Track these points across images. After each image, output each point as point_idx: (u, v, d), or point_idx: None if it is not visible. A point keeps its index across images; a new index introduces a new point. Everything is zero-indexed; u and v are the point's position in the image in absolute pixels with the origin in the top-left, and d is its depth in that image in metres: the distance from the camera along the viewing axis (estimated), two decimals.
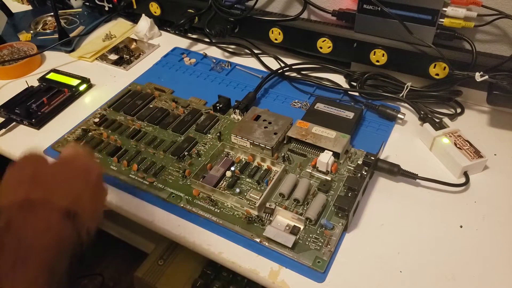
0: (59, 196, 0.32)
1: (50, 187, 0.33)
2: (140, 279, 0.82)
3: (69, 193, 0.34)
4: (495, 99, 0.55)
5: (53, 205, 0.32)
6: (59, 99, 0.67)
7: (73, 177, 0.35)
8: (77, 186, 0.35)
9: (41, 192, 0.32)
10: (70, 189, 0.34)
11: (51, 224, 0.31)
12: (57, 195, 0.33)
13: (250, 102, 0.62)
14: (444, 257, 0.43)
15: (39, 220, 0.31)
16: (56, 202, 0.32)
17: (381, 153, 0.52)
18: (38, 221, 0.31)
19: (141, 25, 0.80)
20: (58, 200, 0.32)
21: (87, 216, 0.34)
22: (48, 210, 0.31)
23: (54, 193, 0.33)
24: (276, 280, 0.42)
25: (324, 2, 0.66)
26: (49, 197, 0.32)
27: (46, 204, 0.32)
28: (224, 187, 0.51)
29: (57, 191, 0.33)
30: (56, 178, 0.34)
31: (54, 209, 0.32)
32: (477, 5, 0.54)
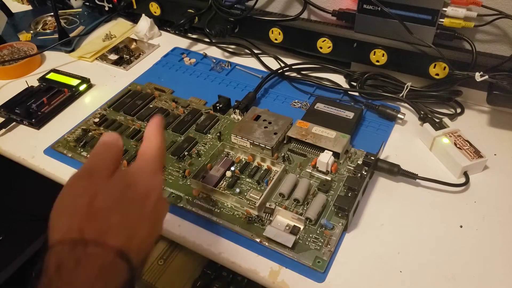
0: (113, 235, 0.29)
1: (105, 223, 0.30)
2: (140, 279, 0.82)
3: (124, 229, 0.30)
4: (495, 99, 0.55)
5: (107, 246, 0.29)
6: (59, 99, 0.67)
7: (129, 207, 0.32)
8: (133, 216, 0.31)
9: (95, 231, 0.29)
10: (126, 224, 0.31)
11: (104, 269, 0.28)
12: (112, 234, 0.29)
13: (250, 102, 0.62)
14: (444, 257, 0.43)
15: (92, 265, 0.28)
16: (110, 243, 0.29)
17: (381, 153, 0.52)
18: (91, 266, 0.28)
19: (141, 25, 0.80)
20: (113, 240, 0.29)
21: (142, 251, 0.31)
22: (101, 253, 0.29)
23: (109, 232, 0.29)
24: (276, 280, 0.42)
25: (324, 2, 0.66)
26: (103, 237, 0.29)
27: (100, 246, 0.29)
28: (224, 187, 0.51)
29: (111, 229, 0.30)
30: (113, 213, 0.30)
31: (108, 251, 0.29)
32: (477, 5, 0.54)
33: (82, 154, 0.57)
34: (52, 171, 0.56)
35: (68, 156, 0.57)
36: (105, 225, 0.30)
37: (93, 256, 0.28)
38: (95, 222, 0.29)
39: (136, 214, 0.32)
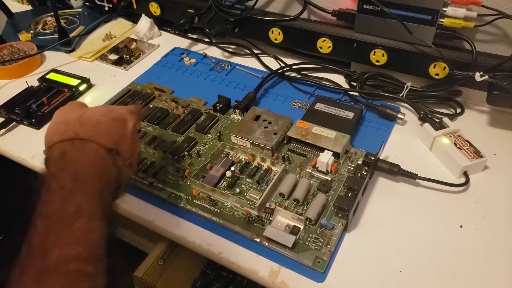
0: (102, 138, 0.37)
1: (95, 129, 0.37)
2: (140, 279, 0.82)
3: (111, 136, 0.38)
4: (495, 99, 0.55)
5: (99, 143, 0.36)
6: (59, 99, 0.67)
7: (113, 124, 0.39)
8: (116, 132, 0.39)
9: (87, 133, 0.36)
10: (111, 133, 0.38)
11: (99, 157, 0.36)
12: (101, 137, 0.37)
13: (250, 102, 0.62)
14: (444, 257, 0.43)
15: (89, 153, 0.35)
16: (101, 142, 0.36)
17: (381, 153, 0.52)
18: (89, 154, 0.35)
19: (141, 25, 0.80)
20: (102, 140, 0.36)
21: (126, 156, 0.38)
22: (96, 147, 0.36)
23: (98, 134, 0.37)
24: (276, 280, 0.42)
25: (324, 2, 0.66)
26: (94, 137, 0.36)
27: (93, 142, 0.36)
28: (224, 187, 0.51)
29: (100, 133, 0.37)
30: (100, 123, 0.38)
31: (100, 146, 0.36)
32: (477, 5, 0.54)
33: None
34: None
35: None
36: (96, 130, 0.37)
37: (89, 148, 0.36)
38: (86, 127, 0.37)
39: (118, 130, 0.39)
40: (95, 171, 0.35)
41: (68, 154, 0.35)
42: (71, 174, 0.33)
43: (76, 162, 0.34)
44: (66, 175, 0.33)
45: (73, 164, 0.34)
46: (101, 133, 0.37)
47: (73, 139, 0.36)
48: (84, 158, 0.35)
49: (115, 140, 0.38)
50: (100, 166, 0.35)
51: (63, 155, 0.35)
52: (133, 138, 0.41)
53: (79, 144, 0.36)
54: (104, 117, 0.39)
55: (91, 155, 0.35)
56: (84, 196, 0.33)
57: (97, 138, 0.36)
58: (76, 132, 0.36)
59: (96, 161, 0.35)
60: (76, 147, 0.35)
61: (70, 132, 0.36)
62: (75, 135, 0.36)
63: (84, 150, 0.35)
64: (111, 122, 0.39)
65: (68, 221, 0.31)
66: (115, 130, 0.39)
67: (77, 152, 0.35)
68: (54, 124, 0.39)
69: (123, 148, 0.38)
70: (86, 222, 0.32)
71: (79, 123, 0.37)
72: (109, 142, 0.37)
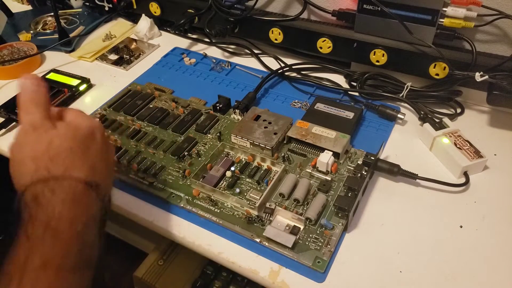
0: (78, 169, 0.33)
1: (68, 160, 0.33)
2: (140, 279, 0.82)
3: (85, 163, 0.34)
4: (495, 99, 0.55)
5: (75, 178, 0.32)
6: (59, 99, 0.67)
7: (83, 145, 0.35)
8: (90, 153, 0.35)
9: (61, 168, 0.32)
10: (85, 159, 0.34)
11: (77, 195, 0.32)
12: (76, 169, 0.33)
13: (250, 102, 0.62)
14: (444, 257, 0.43)
15: (66, 192, 0.31)
16: (77, 176, 0.33)
17: (381, 153, 0.52)
18: (65, 193, 0.31)
19: (141, 25, 0.80)
20: (78, 173, 0.33)
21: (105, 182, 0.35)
22: (73, 184, 0.32)
23: (73, 167, 0.33)
24: (276, 280, 0.42)
25: (324, 2, 0.66)
26: (69, 171, 0.32)
27: (69, 178, 0.32)
28: (224, 187, 0.51)
29: (75, 164, 0.33)
30: (71, 150, 0.34)
31: (77, 181, 0.32)
32: (477, 5, 0.54)
33: None
34: None
35: None
36: (68, 162, 0.33)
37: (65, 186, 0.31)
38: (58, 160, 0.33)
39: (91, 150, 0.35)
40: (74, 212, 0.31)
41: (41, 199, 0.30)
42: (42, 222, 0.29)
43: (51, 205, 0.30)
44: (37, 223, 0.29)
45: (47, 208, 0.30)
46: (75, 164, 0.33)
47: (46, 179, 0.31)
48: (60, 199, 0.31)
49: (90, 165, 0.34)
50: (80, 204, 0.32)
51: (35, 200, 0.30)
52: (105, 151, 0.37)
53: (53, 184, 0.31)
54: (74, 140, 0.35)
55: (68, 195, 0.31)
56: (55, 245, 0.29)
57: (72, 172, 0.32)
58: (48, 169, 0.32)
59: (75, 199, 0.31)
60: (50, 188, 0.31)
61: (42, 170, 0.32)
62: (47, 173, 0.32)
63: (60, 189, 0.31)
64: (82, 144, 0.35)
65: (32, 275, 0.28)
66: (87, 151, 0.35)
67: (52, 193, 0.31)
68: (20, 161, 0.33)
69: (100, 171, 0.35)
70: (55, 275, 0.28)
71: (49, 158, 0.32)
72: (85, 171, 0.33)
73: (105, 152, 0.37)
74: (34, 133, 0.34)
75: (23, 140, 0.34)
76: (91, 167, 0.34)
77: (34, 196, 0.31)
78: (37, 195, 0.31)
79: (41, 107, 0.35)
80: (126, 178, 0.53)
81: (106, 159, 0.37)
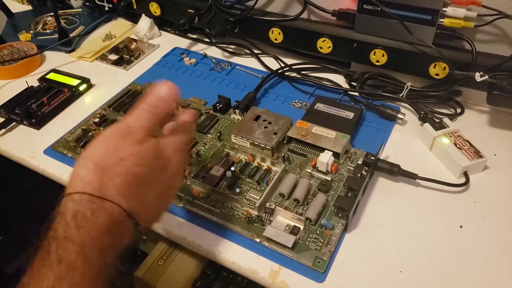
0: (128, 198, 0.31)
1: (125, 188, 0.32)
2: (140, 279, 0.82)
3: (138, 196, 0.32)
4: (495, 99, 0.55)
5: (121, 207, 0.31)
6: (59, 99, 0.67)
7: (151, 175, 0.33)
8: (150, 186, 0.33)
9: (113, 191, 0.31)
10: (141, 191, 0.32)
11: (114, 226, 0.31)
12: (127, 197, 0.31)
13: (250, 102, 0.62)
14: (444, 257, 0.43)
15: (104, 219, 0.30)
16: (124, 205, 0.31)
17: (381, 153, 0.52)
18: (103, 219, 0.30)
19: (141, 25, 0.80)
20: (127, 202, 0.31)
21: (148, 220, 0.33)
22: (115, 212, 0.31)
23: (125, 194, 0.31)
24: (276, 280, 0.42)
25: (324, 2, 0.66)
26: (119, 197, 0.31)
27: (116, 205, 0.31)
28: (224, 187, 0.51)
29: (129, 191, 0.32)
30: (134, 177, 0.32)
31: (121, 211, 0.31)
32: (477, 5, 0.54)
33: None
34: (52, 171, 0.56)
35: (68, 156, 0.57)
36: (124, 188, 0.31)
37: (107, 211, 0.30)
38: (116, 181, 0.31)
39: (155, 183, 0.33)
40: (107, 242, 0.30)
41: (80, 219, 0.29)
42: (76, 245, 0.29)
43: (87, 228, 0.29)
44: (70, 246, 0.29)
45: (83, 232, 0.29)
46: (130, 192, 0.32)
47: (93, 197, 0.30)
48: (97, 226, 0.30)
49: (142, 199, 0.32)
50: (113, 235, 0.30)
51: (74, 217, 0.30)
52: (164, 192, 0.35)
53: (97, 203, 0.30)
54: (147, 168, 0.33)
55: (106, 221, 0.30)
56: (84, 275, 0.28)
57: (122, 199, 0.31)
58: (102, 184, 0.31)
59: (111, 229, 0.30)
60: (92, 208, 0.30)
61: (96, 182, 0.31)
62: (99, 189, 0.30)
63: (101, 213, 0.30)
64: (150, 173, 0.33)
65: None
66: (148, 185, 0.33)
67: (92, 215, 0.30)
68: (86, 159, 0.32)
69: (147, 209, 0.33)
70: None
71: (111, 173, 0.31)
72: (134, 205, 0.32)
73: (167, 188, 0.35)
74: (118, 139, 0.33)
75: (104, 140, 0.33)
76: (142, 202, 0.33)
77: (75, 210, 0.30)
78: (77, 214, 0.30)
79: (151, 121, 0.35)
80: None
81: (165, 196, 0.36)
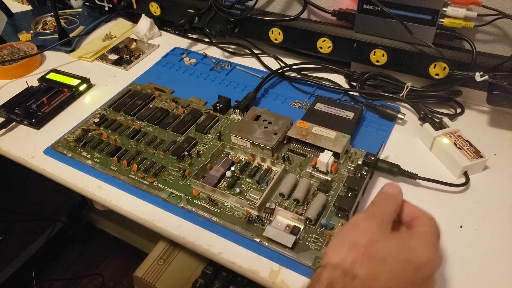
0: (378, 283, 0.31)
1: (376, 269, 0.32)
2: (140, 279, 0.82)
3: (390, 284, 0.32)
4: (495, 99, 0.55)
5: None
6: (59, 99, 0.67)
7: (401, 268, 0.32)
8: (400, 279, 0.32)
9: (363, 271, 0.31)
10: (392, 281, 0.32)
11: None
12: (377, 282, 0.31)
13: (250, 102, 0.62)
14: (444, 257, 0.43)
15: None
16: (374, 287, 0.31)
17: (381, 153, 0.52)
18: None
19: (141, 25, 0.80)
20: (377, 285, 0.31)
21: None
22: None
23: (376, 278, 0.31)
24: (276, 280, 0.42)
25: (324, 2, 0.66)
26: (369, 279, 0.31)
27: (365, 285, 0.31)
28: (224, 187, 0.51)
29: (379, 277, 0.31)
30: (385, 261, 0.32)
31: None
32: (477, 5, 0.54)
33: (82, 154, 0.57)
34: (52, 171, 0.56)
35: (68, 156, 0.57)
36: (375, 271, 0.31)
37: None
38: (367, 264, 0.32)
39: (403, 278, 0.32)
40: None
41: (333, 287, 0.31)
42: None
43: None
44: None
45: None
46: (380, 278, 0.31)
47: (347, 272, 0.31)
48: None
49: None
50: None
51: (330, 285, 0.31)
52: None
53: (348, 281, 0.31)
54: (394, 256, 0.32)
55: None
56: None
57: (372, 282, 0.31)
58: (353, 263, 0.32)
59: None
60: (343, 283, 0.31)
61: (349, 261, 0.32)
62: (350, 267, 0.32)
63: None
64: (401, 265, 0.32)
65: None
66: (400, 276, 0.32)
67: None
68: (341, 238, 0.35)
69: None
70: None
71: (362, 255, 0.32)
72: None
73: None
74: (368, 223, 0.35)
75: (357, 224, 0.36)
76: None
77: (329, 281, 0.31)
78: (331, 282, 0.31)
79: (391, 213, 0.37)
80: (126, 178, 0.53)
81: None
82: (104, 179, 0.54)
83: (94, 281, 1.27)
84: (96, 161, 0.55)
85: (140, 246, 1.31)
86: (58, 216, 1.28)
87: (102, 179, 0.54)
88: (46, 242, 1.25)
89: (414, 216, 0.37)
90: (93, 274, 1.27)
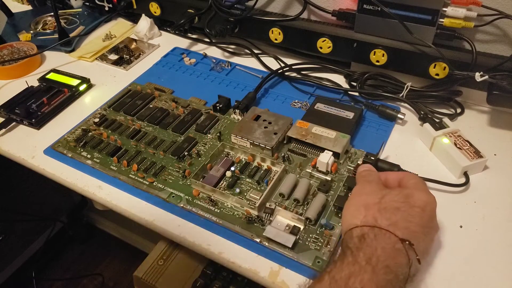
0: (399, 229, 0.36)
1: (393, 218, 0.37)
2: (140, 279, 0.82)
3: (407, 228, 0.37)
4: (495, 99, 0.55)
5: (396, 235, 0.36)
6: (59, 99, 0.67)
7: (410, 213, 0.38)
8: (414, 222, 0.38)
9: (386, 222, 0.37)
10: (408, 225, 0.37)
11: (395, 250, 0.35)
12: (398, 227, 0.37)
13: (250, 102, 0.62)
14: (443, 257, 0.43)
15: (386, 243, 0.35)
16: (398, 234, 0.36)
17: (381, 153, 0.52)
18: (385, 244, 0.35)
19: (141, 25, 0.80)
20: (399, 233, 0.36)
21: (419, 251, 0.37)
22: (393, 238, 0.36)
23: (396, 225, 0.37)
24: (276, 280, 0.42)
25: (324, 2, 0.66)
26: (392, 228, 0.36)
27: (392, 234, 0.36)
28: (224, 187, 0.51)
29: (398, 224, 0.37)
30: (398, 210, 0.38)
31: (397, 239, 0.36)
32: (477, 5, 0.54)
33: (82, 154, 0.57)
34: (52, 171, 0.56)
35: (68, 156, 0.57)
36: (393, 219, 0.37)
37: (387, 238, 0.36)
38: (385, 215, 0.38)
39: (415, 219, 0.38)
40: (387, 261, 0.34)
41: (367, 239, 0.36)
42: (366, 255, 0.35)
43: (372, 247, 0.35)
44: (361, 254, 0.35)
45: (369, 248, 0.35)
46: (398, 224, 0.37)
47: (372, 226, 0.37)
48: (380, 246, 0.35)
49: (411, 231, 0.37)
50: (393, 259, 0.35)
51: (362, 238, 0.36)
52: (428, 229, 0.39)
53: (377, 232, 0.36)
54: (404, 203, 0.39)
55: (387, 246, 0.35)
56: (370, 278, 0.33)
57: (395, 229, 0.36)
58: (376, 218, 0.37)
59: (391, 253, 0.35)
60: (374, 234, 0.36)
61: (370, 217, 0.38)
62: (374, 222, 0.37)
63: (382, 239, 0.36)
64: (410, 210, 0.38)
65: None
66: (413, 220, 0.38)
67: (375, 238, 0.36)
68: (354, 205, 0.40)
69: (418, 241, 0.37)
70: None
71: (379, 209, 0.38)
72: (405, 234, 0.36)
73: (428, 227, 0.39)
74: (369, 187, 0.42)
75: (361, 190, 0.42)
76: (412, 235, 0.37)
77: (361, 235, 0.37)
78: (364, 235, 0.36)
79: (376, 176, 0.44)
80: (126, 178, 0.53)
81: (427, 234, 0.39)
82: (104, 179, 0.54)
83: (94, 281, 1.27)
84: (96, 161, 0.55)
85: (140, 246, 1.31)
86: (58, 216, 1.28)
87: (102, 179, 0.54)
88: (46, 242, 1.25)
89: (399, 178, 0.43)
90: (93, 274, 1.27)
